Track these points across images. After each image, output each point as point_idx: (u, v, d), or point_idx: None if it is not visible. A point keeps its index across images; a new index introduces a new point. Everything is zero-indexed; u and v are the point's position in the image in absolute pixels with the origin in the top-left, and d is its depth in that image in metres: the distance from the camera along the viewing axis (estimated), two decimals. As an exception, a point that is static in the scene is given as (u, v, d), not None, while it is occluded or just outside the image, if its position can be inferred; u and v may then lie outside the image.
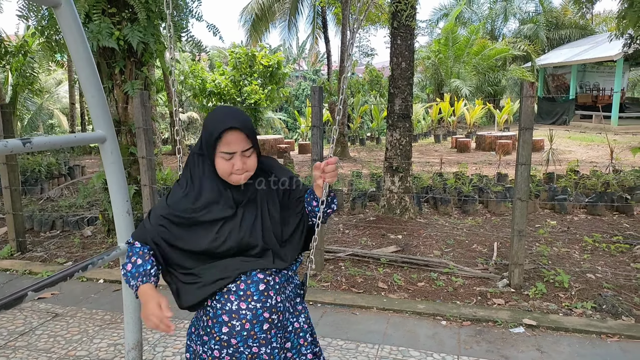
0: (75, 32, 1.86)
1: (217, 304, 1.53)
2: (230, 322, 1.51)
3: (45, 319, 3.16)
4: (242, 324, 1.52)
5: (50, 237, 5.28)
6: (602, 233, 4.97)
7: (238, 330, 1.51)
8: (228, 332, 1.51)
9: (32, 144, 1.69)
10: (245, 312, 1.52)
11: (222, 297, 1.53)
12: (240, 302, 1.52)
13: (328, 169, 1.59)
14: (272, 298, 1.56)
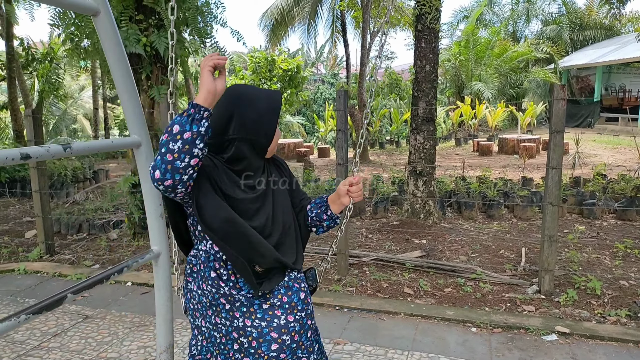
0: (113, 39, 1.89)
1: (262, 323, 1.47)
2: (280, 338, 1.47)
3: (76, 320, 3.22)
4: (292, 336, 1.49)
5: (77, 239, 5.37)
6: (633, 239, 4.84)
7: (288, 344, 1.48)
8: (278, 349, 1.47)
9: (72, 149, 1.71)
10: (293, 325, 1.50)
11: (267, 314, 1.48)
12: (288, 315, 1.50)
13: (354, 190, 1.60)
14: (309, 304, 1.56)
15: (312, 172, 9.16)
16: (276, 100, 1.51)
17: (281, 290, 1.52)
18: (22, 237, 5.46)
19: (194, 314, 1.58)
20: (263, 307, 1.48)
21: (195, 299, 1.54)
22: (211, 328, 1.53)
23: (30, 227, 5.77)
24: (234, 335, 1.48)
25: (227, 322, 1.49)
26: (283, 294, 1.52)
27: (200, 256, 1.53)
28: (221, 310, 1.49)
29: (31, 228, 5.72)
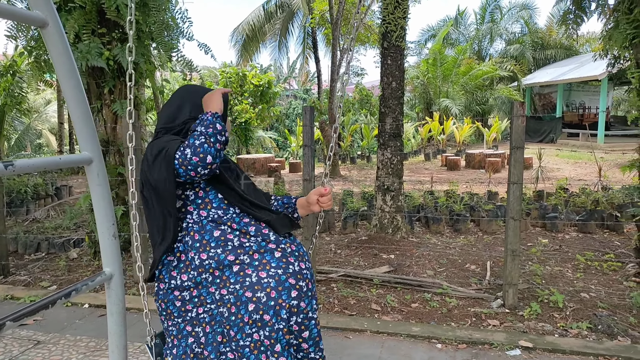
0: (62, 52, 1.82)
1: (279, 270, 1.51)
2: (298, 284, 1.51)
3: (26, 347, 3.04)
4: (306, 283, 1.54)
5: (35, 259, 5.14)
6: (593, 251, 4.97)
7: (305, 291, 1.52)
8: (297, 296, 1.49)
9: (15, 167, 1.62)
10: (306, 273, 1.57)
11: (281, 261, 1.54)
12: (300, 262, 1.57)
13: (324, 200, 1.76)
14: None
15: (282, 186, 9.11)
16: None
17: (287, 240, 1.62)
18: (-25, 258, 5.19)
19: (183, 310, 1.55)
20: (276, 256, 1.53)
21: (186, 293, 1.54)
22: (214, 307, 1.52)
23: (-16, 247, 5.50)
24: (248, 295, 1.46)
25: (237, 285, 1.48)
26: (290, 243, 1.61)
27: (192, 229, 1.60)
28: (229, 277, 1.50)
29: (-15, 248, 5.44)
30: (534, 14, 24.57)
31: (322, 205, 1.76)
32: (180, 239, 1.61)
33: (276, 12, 18.60)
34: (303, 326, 1.52)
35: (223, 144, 1.56)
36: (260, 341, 1.44)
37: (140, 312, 3.65)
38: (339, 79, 13.19)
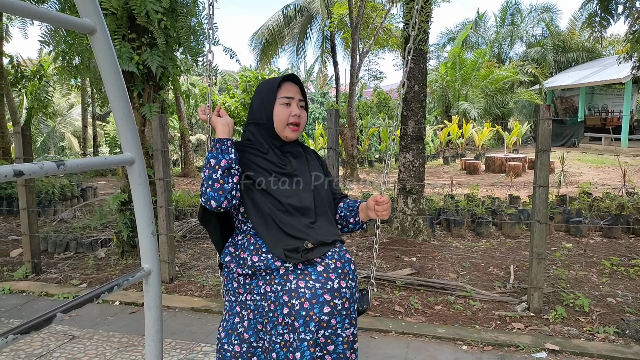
0: (108, 57, 1.91)
1: (315, 284, 1.53)
2: (333, 301, 1.53)
3: (62, 341, 3.15)
4: (343, 302, 1.55)
5: (64, 258, 5.30)
6: (619, 256, 4.91)
7: (339, 309, 1.54)
8: (330, 312, 1.52)
9: (66, 167, 1.72)
10: (345, 291, 1.56)
11: (321, 276, 1.55)
12: (341, 280, 1.56)
13: (379, 208, 1.67)
14: (357, 277, 1.63)
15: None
16: (273, 83, 1.69)
17: (335, 256, 1.60)
18: (7, 256, 5.37)
19: (237, 291, 1.66)
20: (318, 270, 1.55)
21: (241, 275, 1.64)
22: (258, 299, 1.60)
23: (16, 246, 5.68)
24: (285, 298, 1.53)
25: (279, 287, 1.55)
26: (337, 259, 1.60)
27: (250, 232, 1.67)
28: (275, 277, 1.57)
29: (17, 247, 5.63)
30: (555, 17, 24.28)
31: (377, 214, 1.67)
32: (241, 239, 1.69)
33: (295, 17, 18.73)
34: (329, 340, 1.55)
35: (223, 176, 1.54)
36: (289, 342, 1.52)
37: (168, 309, 3.76)
38: (358, 82, 13.24)
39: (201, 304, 3.78)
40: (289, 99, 1.67)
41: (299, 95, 1.69)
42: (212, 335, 3.27)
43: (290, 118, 1.66)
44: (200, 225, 6.31)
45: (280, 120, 1.66)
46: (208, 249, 5.49)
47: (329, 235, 1.62)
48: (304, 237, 1.57)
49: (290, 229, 1.58)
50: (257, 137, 1.70)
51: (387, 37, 14.46)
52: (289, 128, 1.67)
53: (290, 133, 1.68)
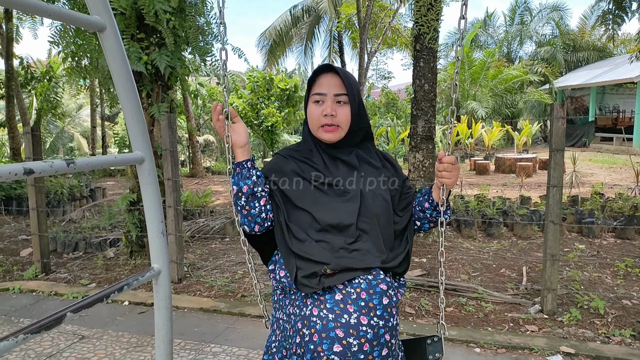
0: (119, 55, 1.88)
1: (329, 315, 1.28)
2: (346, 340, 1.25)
3: (72, 341, 3.15)
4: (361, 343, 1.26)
5: (73, 258, 5.31)
6: (634, 257, 4.82)
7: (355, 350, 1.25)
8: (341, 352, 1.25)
9: (76, 165, 1.70)
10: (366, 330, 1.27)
11: (337, 306, 1.29)
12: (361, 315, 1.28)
13: (439, 167, 1.37)
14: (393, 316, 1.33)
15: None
16: (310, 79, 1.49)
17: (362, 285, 1.30)
18: (18, 256, 5.39)
19: (276, 305, 1.50)
20: (335, 298, 1.29)
21: (279, 288, 1.48)
22: (284, 320, 1.42)
23: (26, 246, 5.70)
24: (299, 325, 1.32)
25: (298, 309, 1.35)
26: (363, 289, 1.29)
27: None
28: (297, 298, 1.38)
29: (27, 246, 5.65)
30: (565, 16, 24.04)
31: (440, 179, 1.37)
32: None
33: (303, 17, 18.72)
34: None
35: (248, 202, 1.41)
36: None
37: (177, 310, 3.74)
38: (366, 82, 13.19)
39: (210, 304, 3.76)
40: (321, 96, 1.42)
41: (336, 89, 1.41)
42: (221, 336, 3.24)
43: (321, 119, 1.42)
44: (209, 226, 6.31)
45: (312, 121, 1.45)
46: (216, 250, 5.48)
47: (365, 260, 1.33)
48: (325, 260, 1.32)
49: (310, 250, 1.35)
50: (306, 138, 1.51)
51: (396, 36, 14.40)
52: (322, 130, 1.43)
53: (324, 135, 1.43)
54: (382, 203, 1.44)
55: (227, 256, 5.15)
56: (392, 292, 1.34)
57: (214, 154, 23.60)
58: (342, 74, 1.43)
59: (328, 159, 1.48)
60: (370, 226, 1.40)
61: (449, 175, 1.36)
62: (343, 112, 1.42)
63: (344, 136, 1.45)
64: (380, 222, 1.41)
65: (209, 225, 6.28)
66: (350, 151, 1.49)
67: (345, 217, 1.38)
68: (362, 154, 1.51)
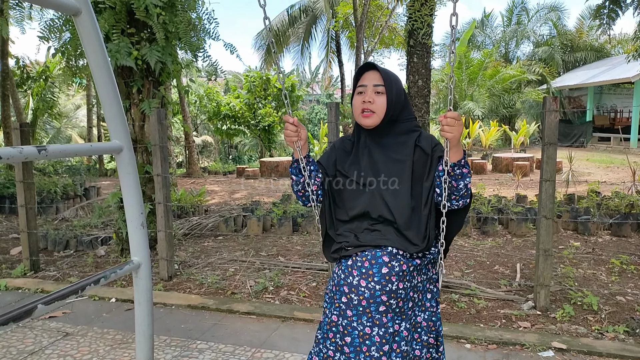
0: (95, 41, 1.84)
1: (342, 274, 1.66)
2: (349, 295, 1.62)
3: (55, 337, 3.09)
4: (359, 299, 1.60)
5: (63, 256, 5.25)
6: (629, 255, 4.78)
7: (355, 304, 1.61)
8: (346, 303, 1.62)
9: (48, 152, 1.64)
10: (363, 290, 1.60)
11: (347, 269, 1.65)
12: (361, 279, 1.61)
13: (443, 122, 1.51)
14: (393, 283, 1.60)
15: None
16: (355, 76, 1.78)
17: (367, 257, 1.62)
18: (7, 254, 5.33)
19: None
20: (347, 263, 1.66)
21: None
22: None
23: (16, 244, 5.64)
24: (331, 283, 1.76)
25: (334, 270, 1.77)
26: (367, 259, 1.62)
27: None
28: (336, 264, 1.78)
29: (17, 245, 5.59)
30: (562, 16, 24.02)
31: (442, 132, 1.51)
32: None
33: (300, 17, 18.71)
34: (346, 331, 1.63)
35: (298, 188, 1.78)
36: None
37: (165, 306, 3.68)
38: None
39: (198, 301, 3.71)
40: (363, 87, 1.70)
41: (375, 81, 1.68)
42: (208, 332, 3.19)
43: (361, 105, 1.69)
44: (202, 224, 6.26)
45: (355, 108, 1.72)
46: (209, 247, 5.43)
47: (376, 240, 1.64)
48: (347, 239, 1.69)
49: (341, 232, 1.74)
50: (355, 132, 1.80)
51: (392, 36, 14.38)
52: (361, 115, 1.69)
53: (362, 120, 1.70)
54: (399, 192, 1.67)
55: (219, 254, 5.10)
56: (396, 262, 1.61)
57: (211, 154, 23.55)
58: (382, 70, 1.71)
59: (363, 148, 1.76)
60: (389, 213, 1.65)
61: (450, 129, 1.50)
62: (380, 101, 1.68)
63: (380, 122, 1.70)
64: (396, 210, 1.65)
65: (202, 223, 6.23)
66: (385, 139, 1.73)
67: (366, 207, 1.68)
68: (393, 146, 1.73)
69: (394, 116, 1.70)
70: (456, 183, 1.58)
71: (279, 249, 5.27)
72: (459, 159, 1.56)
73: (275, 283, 4.08)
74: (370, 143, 1.73)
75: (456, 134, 1.51)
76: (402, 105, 1.71)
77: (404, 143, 1.71)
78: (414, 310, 1.68)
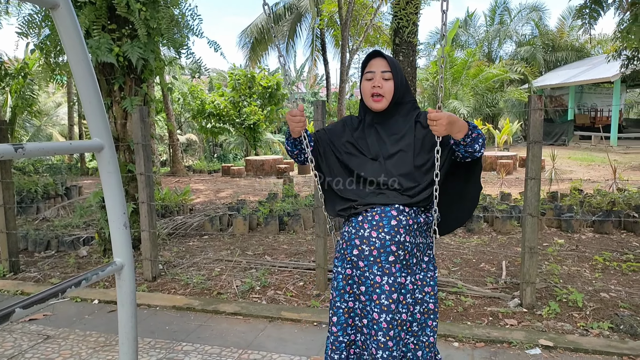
0: (73, 35, 1.77)
1: (352, 230, 1.80)
2: (361, 246, 1.76)
3: (36, 341, 3.00)
4: (371, 249, 1.74)
5: (44, 257, 5.13)
6: (612, 251, 4.85)
7: (366, 254, 1.75)
8: (357, 255, 1.77)
9: (25, 150, 1.58)
10: (375, 240, 1.74)
11: (357, 224, 1.79)
12: (372, 230, 1.75)
13: (431, 116, 1.64)
14: (401, 235, 1.74)
15: (292, 187, 9.05)
16: (362, 63, 1.91)
17: (377, 211, 1.76)
18: (-15, 255, 5.18)
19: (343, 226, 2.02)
20: (358, 219, 1.79)
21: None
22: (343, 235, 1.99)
23: (-5, 245, 5.49)
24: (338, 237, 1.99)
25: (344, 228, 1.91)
26: (377, 213, 1.76)
27: None
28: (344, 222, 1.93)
29: (-5, 246, 5.44)
30: (544, 16, 24.37)
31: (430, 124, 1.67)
32: None
33: (284, 15, 18.61)
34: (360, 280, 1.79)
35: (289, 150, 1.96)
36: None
37: (149, 307, 3.62)
38: (348, 79, 13.13)
39: (183, 302, 3.64)
40: (371, 73, 1.82)
41: (383, 67, 1.81)
42: (193, 333, 3.14)
43: (371, 90, 1.82)
44: (187, 224, 6.18)
45: (365, 93, 1.85)
46: (194, 247, 5.36)
47: (382, 199, 1.78)
48: (356, 199, 1.82)
49: (347, 194, 1.86)
50: (360, 112, 1.94)
51: (377, 34, 14.39)
52: (372, 99, 1.82)
53: (373, 104, 1.83)
54: (404, 161, 1.81)
55: (204, 253, 5.03)
56: (403, 217, 1.75)
57: (196, 153, 23.32)
58: (388, 57, 1.86)
59: (368, 127, 1.90)
60: (394, 182, 1.79)
61: (436, 128, 1.65)
62: (387, 86, 1.82)
63: (388, 105, 1.83)
64: (401, 174, 1.80)
65: (187, 222, 6.14)
66: (391, 118, 1.87)
67: (372, 173, 1.82)
68: (397, 124, 1.88)
69: (399, 99, 1.85)
70: (471, 148, 1.73)
71: (266, 248, 5.23)
72: (464, 134, 1.69)
73: (262, 283, 4.03)
74: (376, 123, 1.88)
75: (441, 128, 1.64)
76: (405, 88, 1.87)
77: (407, 121, 1.87)
78: (418, 266, 1.82)
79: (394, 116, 1.87)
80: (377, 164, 1.82)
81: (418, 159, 1.81)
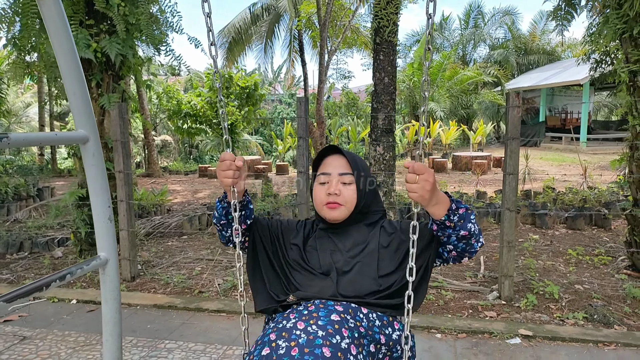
0: (59, 22, 1.74)
1: (270, 324, 1.34)
2: (275, 342, 1.18)
3: (11, 342, 2.92)
4: (289, 346, 1.16)
5: (17, 258, 4.98)
6: (584, 246, 5.01)
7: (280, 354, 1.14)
8: (268, 355, 1.16)
9: (10, 140, 1.54)
10: (298, 334, 1.19)
11: (280, 316, 1.31)
12: (298, 321, 1.24)
13: (407, 178, 1.20)
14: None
15: (270, 187, 9.03)
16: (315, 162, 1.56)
17: (316, 302, 1.32)
18: (-46, 257, 5.01)
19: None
20: (287, 310, 1.36)
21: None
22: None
23: (-36, 247, 5.30)
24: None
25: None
26: (315, 305, 1.30)
27: None
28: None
29: (-36, 247, 5.25)
30: (517, 20, 24.96)
31: (408, 192, 1.23)
32: None
33: (262, 15, 18.53)
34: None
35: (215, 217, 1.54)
36: None
37: (130, 307, 3.56)
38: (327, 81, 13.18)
39: (165, 300, 3.60)
40: (326, 176, 1.46)
41: (341, 169, 1.45)
42: (176, 332, 3.10)
43: (325, 198, 1.45)
44: (166, 224, 6.09)
45: (317, 200, 1.48)
46: (173, 247, 5.29)
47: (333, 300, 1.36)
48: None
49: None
50: (316, 219, 1.56)
51: (355, 36, 14.49)
52: (325, 207, 1.45)
53: (328, 213, 1.45)
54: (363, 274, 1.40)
55: (184, 253, 4.97)
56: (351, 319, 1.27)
57: (171, 154, 22.98)
58: (348, 155, 1.47)
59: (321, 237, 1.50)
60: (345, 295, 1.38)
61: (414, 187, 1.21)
62: (348, 192, 1.44)
63: (349, 215, 1.46)
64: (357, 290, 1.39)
65: (165, 222, 6.06)
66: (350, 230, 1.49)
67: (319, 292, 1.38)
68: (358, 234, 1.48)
69: (364, 208, 1.47)
70: (464, 230, 1.29)
71: (246, 247, 5.20)
72: (445, 208, 1.26)
73: (244, 280, 4.01)
74: (332, 233, 1.50)
75: (422, 192, 1.19)
76: (373, 195, 1.49)
77: (371, 228, 1.50)
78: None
79: (357, 223, 1.49)
80: (329, 281, 1.40)
81: (383, 267, 1.40)
